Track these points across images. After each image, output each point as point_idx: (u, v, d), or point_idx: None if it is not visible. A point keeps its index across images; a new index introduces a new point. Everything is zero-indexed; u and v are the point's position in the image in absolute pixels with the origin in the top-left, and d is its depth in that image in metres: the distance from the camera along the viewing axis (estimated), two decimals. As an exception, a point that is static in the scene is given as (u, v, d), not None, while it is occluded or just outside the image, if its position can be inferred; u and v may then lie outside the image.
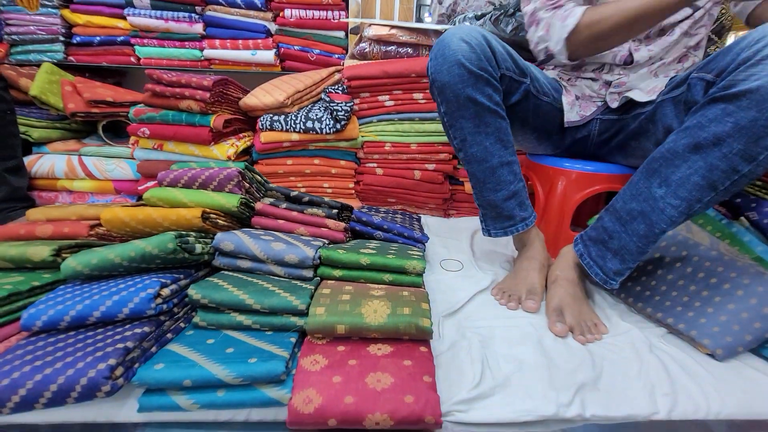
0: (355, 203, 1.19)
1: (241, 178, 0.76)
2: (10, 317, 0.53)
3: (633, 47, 0.78)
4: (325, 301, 0.56)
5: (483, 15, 1.17)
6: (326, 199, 0.83)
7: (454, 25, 1.22)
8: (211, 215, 0.68)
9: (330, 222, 0.75)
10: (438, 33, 1.11)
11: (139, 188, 1.08)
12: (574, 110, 0.83)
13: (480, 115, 0.69)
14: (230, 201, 0.71)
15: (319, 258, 0.65)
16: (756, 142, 0.52)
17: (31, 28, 1.27)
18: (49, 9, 1.27)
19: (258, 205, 0.75)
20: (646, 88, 0.77)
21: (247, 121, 1.21)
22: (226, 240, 0.63)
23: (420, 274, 0.65)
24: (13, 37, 1.28)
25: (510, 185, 0.74)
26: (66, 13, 1.28)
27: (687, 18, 0.76)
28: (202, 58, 1.35)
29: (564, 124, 0.83)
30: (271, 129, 1.07)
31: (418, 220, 1.08)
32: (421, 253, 0.70)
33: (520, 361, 0.58)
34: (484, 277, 0.83)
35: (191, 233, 0.63)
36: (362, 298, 0.57)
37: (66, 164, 1.08)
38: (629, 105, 0.79)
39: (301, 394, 0.45)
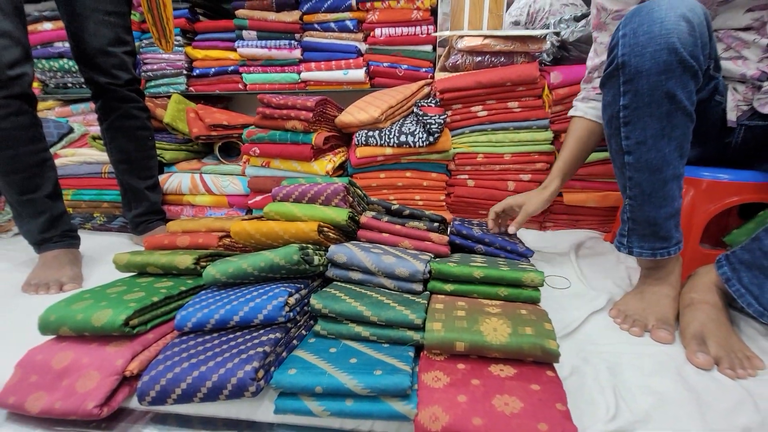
0: (446, 215, 1.17)
1: (346, 193, 0.80)
2: (165, 317, 0.61)
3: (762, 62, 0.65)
4: (441, 317, 0.56)
5: (584, 15, 1.10)
6: (427, 212, 0.83)
7: (551, 28, 1.17)
8: (324, 228, 0.72)
9: (434, 236, 0.75)
10: (535, 39, 1.06)
11: (249, 202, 1.18)
12: (735, 111, 0.71)
13: (672, 115, 0.57)
14: (340, 215, 0.74)
15: (430, 272, 0.65)
16: None
17: (163, 65, 1.48)
18: (176, 48, 1.46)
19: (362, 219, 0.77)
20: None
21: (341, 137, 1.28)
22: (339, 252, 0.66)
23: (538, 288, 0.61)
24: (149, 73, 1.51)
25: (675, 201, 0.64)
26: (189, 49, 1.47)
27: None
28: (299, 80, 1.46)
29: (727, 123, 0.72)
30: (367, 144, 1.11)
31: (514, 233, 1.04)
32: (533, 266, 0.67)
33: (660, 394, 0.52)
34: (597, 296, 0.76)
35: (309, 246, 0.67)
36: (479, 315, 0.55)
37: (190, 181, 1.23)
38: None
39: (427, 411, 0.45)
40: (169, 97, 1.36)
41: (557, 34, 1.12)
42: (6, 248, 1.13)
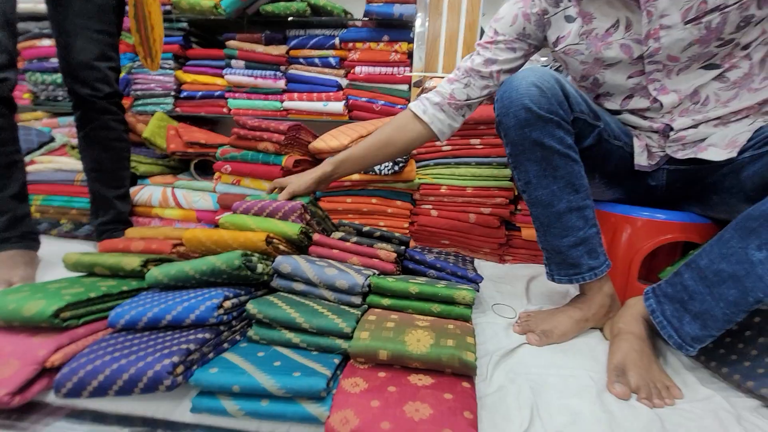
0: (410, 243, 1.20)
1: (303, 211, 0.83)
2: (100, 314, 0.61)
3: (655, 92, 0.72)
4: (370, 327, 0.57)
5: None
6: (397, 234, 0.86)
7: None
8: (274, 240, 0.74)
9: (382, 252, 0.78)
10: (497, 84, 1.15)
11: (217, 218, 1.20)
12: (644, 155, 0.78)
13: (548, 158, 0.67)
14: (292, 229, 0.77)
15: (369, 285, 0.67)
16: None
17: (152, 85, 1.55)
18: (167, 70, 1.54)
19: (315, 236, 0.80)
20: (720, 142, 0.69)
21: (315, 162, 1.33)
22: (284, 262, 0.68)
23: (469, 306, 0.63)
24: (137, 92, 1.57)
25: (578, 231, 0.70)
26: (179, 73, 1.55)
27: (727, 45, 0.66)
28: (282, 108, 1.53)
29: (634, 167, 0.79)
30: (335, 169, 1.16)
31: (472, 262, 1.07)
32: (470, 287, 0.69)
33: (576, 413, 0.53)
34: (538, 325, 0.78)
35: (255, 254, 0.69)
36: (407, 327, 0.57)
37: (161, 195, 1.25)
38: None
39: (339, 414, 0.46)
40: (153, 114, 1.42)
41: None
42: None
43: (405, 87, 1.46)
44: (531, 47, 0.83)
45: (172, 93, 1.56)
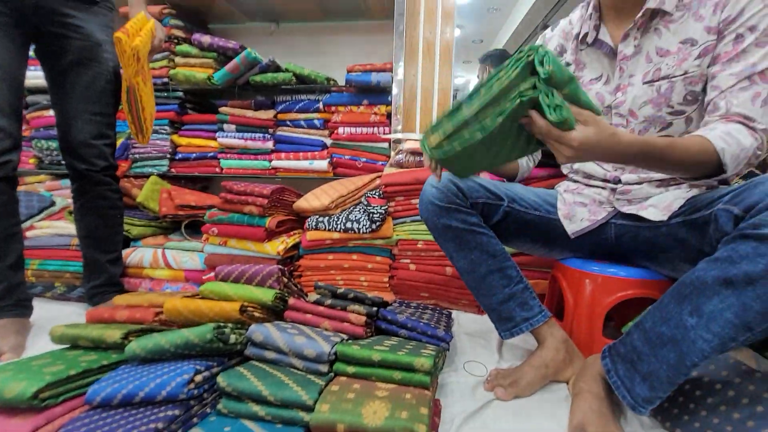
0: (389, 296, 1.24)
1: (280, 275, 0.88)
2: (80, 390, 0.64)
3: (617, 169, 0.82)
4: (332, 398, 0.60)
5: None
6: (370, 295, 0.90)
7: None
8: (249, 308, 0.79)
9: (352, 316, 0.82)
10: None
11: (203, 277, 1.25)
12: (577, 219, 0.85)
13: (459, 236, 0.82)
14: (266, 295, 0.81)
15: (335, 354, 0.70)
16: None
17: (149, 149, 1.65)
18: (163, 135, 1.65)
19: (291, 301, 0.84)
20: (660, 204, 0.75)
21: (299, 220, 1.39)
22: (257, 331, 0.72)
23: (428, 373, 0.66)
24: (135, 155, 1.67)
25: (504, 289, 0.82)
26: (175, 137, 1.66)
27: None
28: (270, 167, 1.62)
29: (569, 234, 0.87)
30: (317, 228, 1.22)
31: (448, 316, 1.10)
32: (433, 352, 0.72)
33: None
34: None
35: (229, 324, 0.73)
36: (365, 398, 0.60)
37: (152, 256, 1.31)
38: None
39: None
40: (149, 177, 1.50)
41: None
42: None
43: (386, 145, 1.55)
44: None
45: (168, 155, 1.65)
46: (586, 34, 0.81)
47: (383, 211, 1.18)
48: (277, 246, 1.20)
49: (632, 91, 0.76)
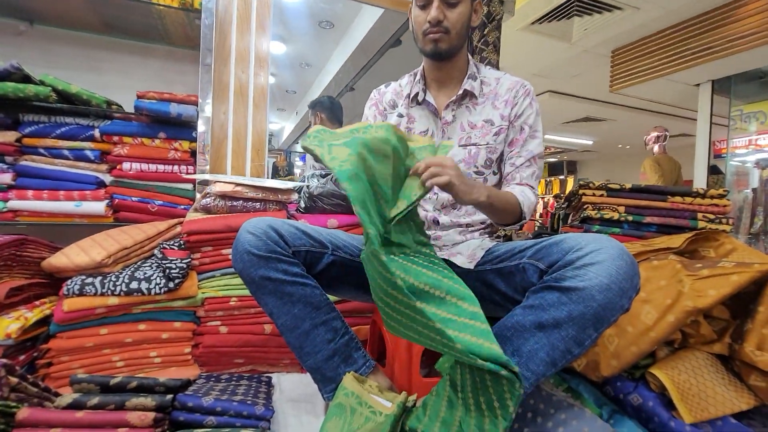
0: (193, 370, 1.01)
1: (3, 373, 0.58)
2: None
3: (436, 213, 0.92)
4: None
5: (327, 174, 1.31)
6: (162, 379, 0.68)
7: (305, 181, 1.33)
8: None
9: (133, 416, 0.60)
10: (283, 190, 1.17)
11: None
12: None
13: (280, 289, 0.73)
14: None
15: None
16: (584, 330, 0.60)
17: None
18: None
19: (19, 414, 0.55)
20: (465, 252, 0.83)
21: (53, 282, 1.01)
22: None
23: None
24: None
25: (329, 343, 0.75)
26: None
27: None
28: (5, 209, 1.15)
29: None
30: (81, 294, 0.90)
31: (268, 383, 0.96)
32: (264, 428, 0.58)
33: None
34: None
35: None
36: None
37: None
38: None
39: None
40: None
41: (308, 187, 1.28)
42: None
43: (189, 186, 1.33)
44: None
45: None
46: (416, 94, 0.93)
47: (184, 266, 0.97)
48: (8, 325, 0.82)
49: (451, 151, 0.88)
